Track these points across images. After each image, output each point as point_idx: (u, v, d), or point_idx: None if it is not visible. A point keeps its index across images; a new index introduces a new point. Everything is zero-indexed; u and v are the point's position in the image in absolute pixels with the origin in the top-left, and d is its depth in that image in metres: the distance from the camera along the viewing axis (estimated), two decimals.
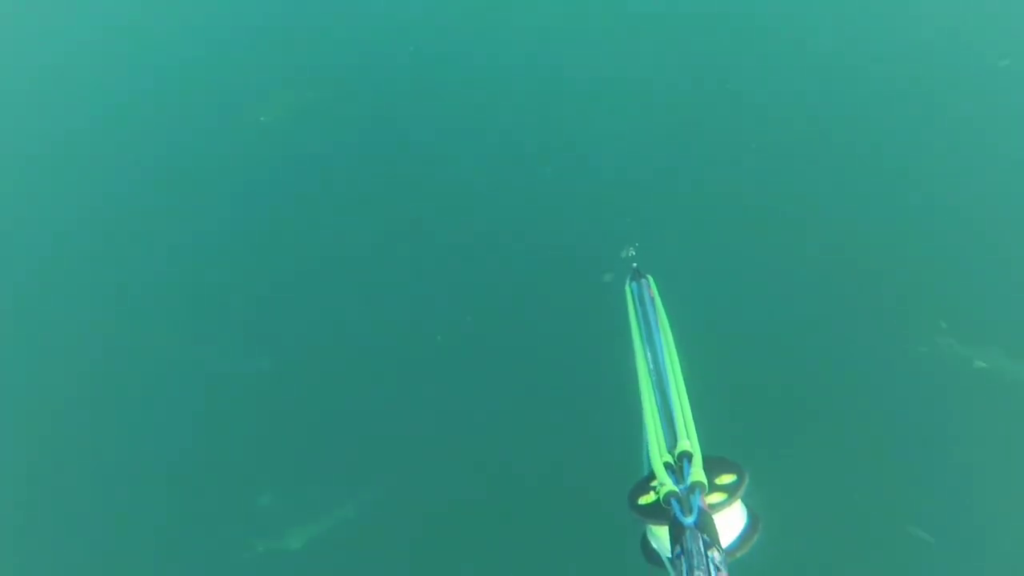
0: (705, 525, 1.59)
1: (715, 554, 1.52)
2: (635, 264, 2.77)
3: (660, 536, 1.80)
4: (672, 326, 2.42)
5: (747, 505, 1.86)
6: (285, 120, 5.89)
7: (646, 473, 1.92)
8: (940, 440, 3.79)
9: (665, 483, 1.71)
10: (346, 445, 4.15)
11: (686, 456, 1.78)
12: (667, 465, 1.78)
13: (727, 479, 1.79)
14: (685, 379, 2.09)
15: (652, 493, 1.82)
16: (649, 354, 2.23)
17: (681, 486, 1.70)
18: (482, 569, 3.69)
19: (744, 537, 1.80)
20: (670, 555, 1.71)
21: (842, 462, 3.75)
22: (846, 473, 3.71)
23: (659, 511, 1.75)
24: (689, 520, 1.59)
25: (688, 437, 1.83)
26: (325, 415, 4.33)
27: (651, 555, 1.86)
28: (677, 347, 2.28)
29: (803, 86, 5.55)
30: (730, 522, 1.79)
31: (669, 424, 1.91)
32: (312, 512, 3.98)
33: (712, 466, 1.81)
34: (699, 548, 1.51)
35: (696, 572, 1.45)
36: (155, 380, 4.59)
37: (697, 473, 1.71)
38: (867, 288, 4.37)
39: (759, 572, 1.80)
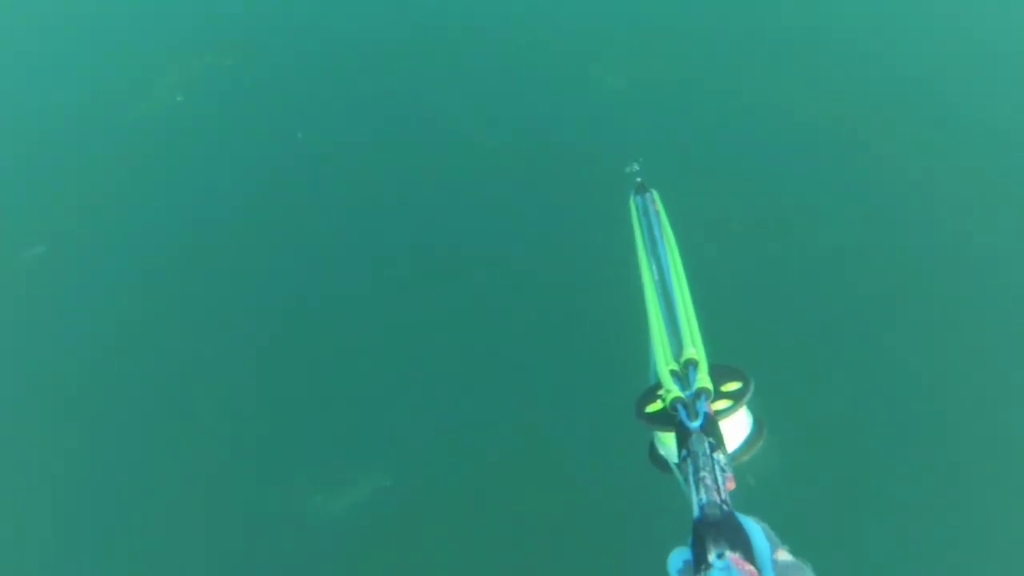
0: (710, 429, 1.61)
1: (720, 456, 1.54)
2: (639, 179, 2.73)
3: (667, 443, 1.82)
4: (678, 240, 2.40)
5: (752, 412, 1.88)
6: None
7: (653, 382, 1.94)
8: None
9: (671, 389, 1.73)
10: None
11: (692, 364, 1.79)
12: (673, 373, 1.79)
13: (733, 387, 1.81)
14: (691, 290, 2.08)
15: (659, 401, 1.83)
16: (654, 266, 2.21)
17: (687, 392, 1.72)
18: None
19: (749, 442, 1.82)
20: (677, 460, 1.74)
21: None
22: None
23: (665, 418, 1.77)
24: (695, 424, 1.61)
25: (694, 345, 1.84)
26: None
27: (659, 462, 1.89)
28: (683, 259, 2.27)
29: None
30: (736, 427, 1.81)
31: (675, 334, 1.92)
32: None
33: (718, 374, 1.82)
34: (704, 450, 1.53)
35: (702, 472, 1.48)
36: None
37: (703, 379, 1.72)
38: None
39: (765, 475, 1.83)
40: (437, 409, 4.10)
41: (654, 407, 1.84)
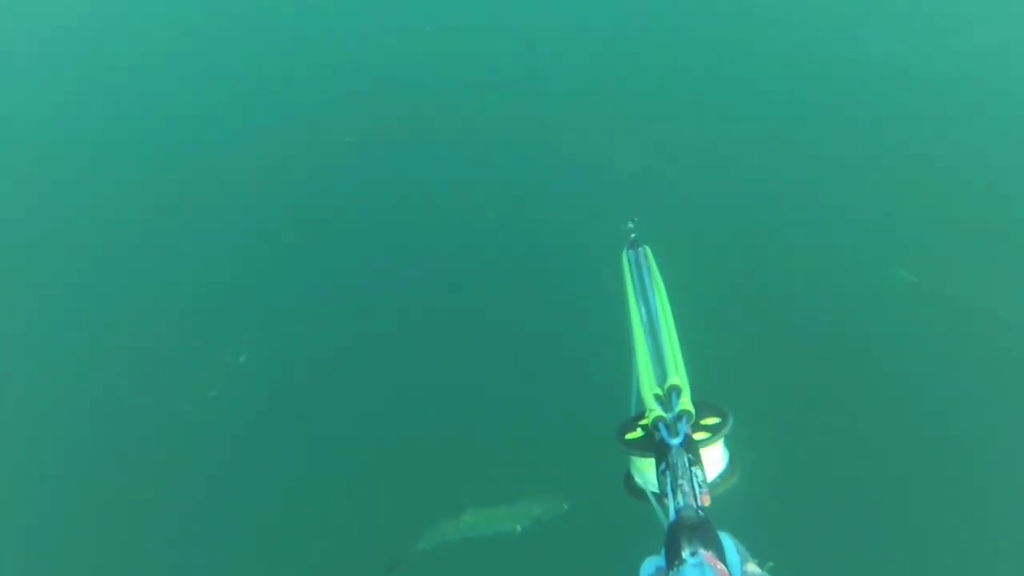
0: (690, 446, 1.64)
1: (698, 471, 1.57)
2: (633, 235, 2.80)
3: (644, 471, 1.84)
4: (668, 290, 2.47)
5: (729, 449, 1.92)
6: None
7: (634, 413, 1.97)
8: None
9: (654, 410, 1.76)
10: None
11: (675, 390, 1.83)
12: (656, 397, 1.84)
13: (712, 421, 1.85)
14: (678, 331, 2.14)
15: (639, 430, 1.87)
16: (643, 309, 2.27)
17: (669, 414, 1.75)
18: None
19: (724, 477, 1.85)
20: (655, 490, 1.76)
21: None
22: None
23: (645, 444, 1.80)
24: (675, 441, 1.64)
25: (678, 373, 1.89)
26: None
27: (634, 490, 1.91)
28: (672, 306, 2.33)
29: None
30: (712, 460, 1.84)
31: (660, 365, 1.96)
32: None
33: (699, 408, 1.86)
34: (683, 463, 1.56)
35: (680, 480, 1.50)
36: None
37: (685, 403, 1.77)
38: None
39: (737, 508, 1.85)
40: None
41: (633, 435, 1.88)
